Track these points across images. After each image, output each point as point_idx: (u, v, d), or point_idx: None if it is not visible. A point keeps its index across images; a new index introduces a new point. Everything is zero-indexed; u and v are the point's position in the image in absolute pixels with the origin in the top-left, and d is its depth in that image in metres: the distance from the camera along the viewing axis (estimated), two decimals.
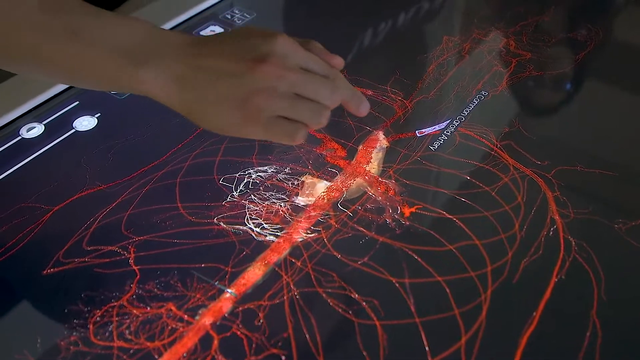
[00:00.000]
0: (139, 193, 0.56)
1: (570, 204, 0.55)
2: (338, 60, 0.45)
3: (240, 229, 0.53)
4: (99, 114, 0.66)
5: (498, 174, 0.59)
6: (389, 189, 0.57)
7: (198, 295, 0.48)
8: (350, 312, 0.47)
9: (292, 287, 0.48)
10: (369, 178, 0.58)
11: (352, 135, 0.63)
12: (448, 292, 0.48)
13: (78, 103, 0.67)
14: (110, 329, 0.45)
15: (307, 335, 0.45)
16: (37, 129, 0.64)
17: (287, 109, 0.41)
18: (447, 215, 0.54)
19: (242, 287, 0.48)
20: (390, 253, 0.51)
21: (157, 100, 0.41)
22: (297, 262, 0.50)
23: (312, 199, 0.56)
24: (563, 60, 0.75)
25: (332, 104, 0.43)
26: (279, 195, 0.56)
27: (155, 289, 0.48)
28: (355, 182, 0.58)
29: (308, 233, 0.53)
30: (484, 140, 0.62)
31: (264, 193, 0.56)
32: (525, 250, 0.51)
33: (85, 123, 0.65)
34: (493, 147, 0.62)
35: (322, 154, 0.61)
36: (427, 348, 0.44)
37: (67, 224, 0.53)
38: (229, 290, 0.48)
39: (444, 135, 0.63)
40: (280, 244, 0.52)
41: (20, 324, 0.47)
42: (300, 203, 0.55)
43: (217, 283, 0.49)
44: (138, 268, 0.50)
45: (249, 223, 0.53)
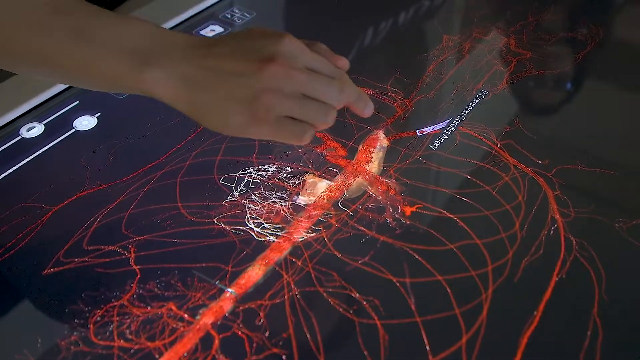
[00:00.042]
0: (139, 193, 0.56)
1: (571, 203, 0.55)
2: (343, 62, 0.45)
3: (241, 229, 0.53)
4: (99, 114, 0.65)
5: (499, 173, 0.58)
6: (390, 188, 0.57)
7: (198, 295, 0.48)
8: (351, 311, 0.47)
9: (292, 286, 0.48)
10: (370, 177, 0.58)
11: (352, 135, 0.63)
12: (449, 291, 0.48)
13: (78, 103, 0.67)
14: (111, 329, 0.45)
15: (307, 335, 0.45)
16: (37, 129, 0.64)
17: (294, 109, 0.41)
18: (447, 215, 0.54)
19: (242, 286, 0.48)
20: (391, 252, 0.51)
21: (162, 101, 0.41)
22: (297, 261, 0.50)
23: (313, 199, 0.56)
24: (563, 59, 0.75)
25: (338, 104, 0.43)
26: (280, 195, 0.56)
27: (156, 289, 0.48)
28: (356, 181, 0.58)
29: (308, 232, 0.53)
30: (485, 140, 0.62)
31: (265, 192, 0.56)
32: (526, 250, 0.51)
33: (86, 123, 0.64)
34: (493, 146, 0.62)
35: (322, 153, 0.61)
36: (427, 347, 0.44)
37: (67, 224, 0.53)
38: (230, 290, 0.48)
39: (445, 135, 0.63)
40: (281, 244, 0.52)
41: (21, 324, 0.47)
42: (301, 202, 0.55)
43: (217, 283, 0.49)
44: (138, 268, 0.50)
45: (250, 223, 0.53)
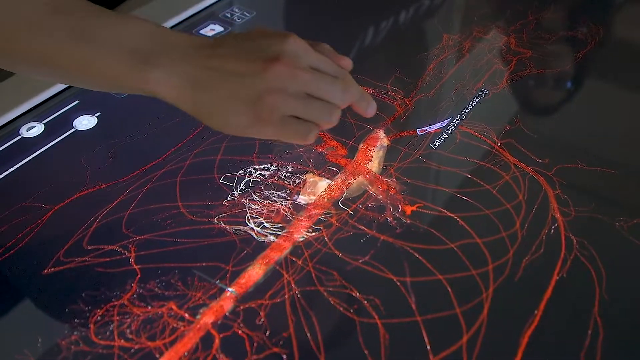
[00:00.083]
0: (140, 192, 0.56)
1: (572, 202, 0.55)
2: (347, 62, 0.45)
3: (241, 229, 0.53)
4: (99, 113, 0.65)
5: (499, 172, 0.58)
6: (390, 188, 0.57)
7: (199, 295, 0.48)
8: (352, 310, 0.47)
9: (293, 286, 0.48)
10: (370, 176, 0.58)
11: (352, 134, 0.63)
12: (449, 290, 0.48)
13: (78, 102, 0.67)
14: (111, 328, 0.45)
15: (308, 334, 0.45)
16: (37, 128, 0.64)
17: (299, 109, 0.41)
18: (448, 214, 0.54)
19: (243, 286, 0.48)
20: (392, 251, 0.51)
21: (165, 101, 0.41)
22: (298, 260, 0.50)
23: (313, 198, 0.56)
24: (564, 58, 0.75)
25: (342, 104, 0.43)
26: (280, 194, 0.56)
27: (156, 288, 0.48)
28: (356, 180, 0.58)
29: (309, 232, 0.53)
30: (485, 139, 0.62)
31: (265, 192, 0.56)
32: (527, 249, 0.51)
33: (85, 122, 0.64)
34: (494, 145, 0.61)
35: (322, 153, 0.61)
36: (428, 347, 0.44)
37: (67, 224, 0.53)
38: (230, 289, 0.48)
39: (445, 134, 0.63)
40: (281, 243, 0.52)
41: (21, 324, 0.47)
42: (302, 201, 0.55)
43: (218, 282, 0.49)
44: (139, 267, 0.50)
45: (250, 222, 0.53)
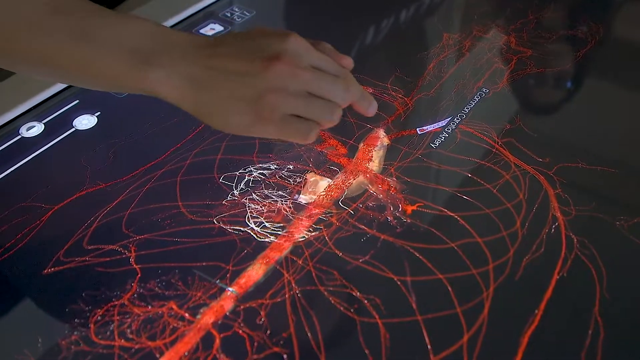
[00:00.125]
0: (140, 192, 0.56)
1: (572, 201, 0.55)
2: (348, 61, 0.45)
3: (241, 229, 0.53)
4: (99, 113, 0.65)
5: (499, 172, 0.58)
6: (390, 187, 0.57)
7: (199, 294, 0.48)
8: (352, 310, 0.47)
9: (293, 285, 0.48)
10: (370, 176, 0.58)
11: (352, 133, 0.63)
12: (450, 289, 0.48)
13: (78, 102, 0.67)
14: (112, 328, 0.45)
15: (308, 334, 0.45)
16: (36, 128, 0.63)
17: (300, 108, 0.41)
18: (448, 213, 0.54)
19: (243, 285, 0.48)
20: (392, 251, 0.51)
21: (166, 100, 0.41)
22: (298, 260, 0.50)
23: (314, 197, 0.56)
24: (564, 57, 0.75)
25: (344, 103, 0.43)
26: (280, 193, 0.56)
27: (157, 288, 0.48)
28: (356, 180, 0.58)
29: (309, 231, 0.53)
30: (485, 138, 0.62)
31: (265, 191, 0.56)
32: (527, 248, 0.51)
33: (85, 122, 0.64)
34: (494, 144, 0.61)
35: (322, 152, 0.60)
36: (429, 346, 0.44)
37: (67, 223, 0.53)
38: (230, 289, 0.48)
39: (445, 133, 0.63)
40: (281, 243, 0.52)
41: (21, 324, 0.47)
42: (302, 201, 0.55)
43: (218, 282, 0.48)
44: (139, 267, 0.50)
45: (250, 221, 0.53)
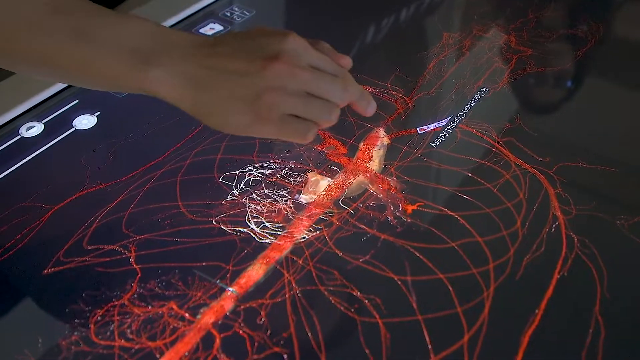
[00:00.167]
0: (140, 192, 0.56)
1: (572, 201, 0.55)
2: (347, 60, 0.45)
3: (241, 229, 0.53)
4: (99, 113, 0.65)
5: (499, 171, 0.58)
6: (391, 187, 0.57)
7: (199, 294, 0.47)
8: (352, 310, 0.47)
9: (293, 285, 0.48)
10: (370, 175, 0.58)
11: (352, 133, 0.63)
12: (450, 289, 0.48)
13: (78, 102, 0.67)
14: (112, 329, 0.45)
15: (309, 334, 0.45)
16: (36, 128, 0.63)
17: (298, 107, 0.41)
18: (448, 213, 0.54)
19: (243, 285, 0.48)
20: (392, 250, 0.51)
21: (165, 100, 0.41)
22: (298, 260, 0.50)
23: (314, 197, 0.56)
24: (564, 57, 0.75)
25: (342, 103, 0.43)
26: (281, 193, 0.56)
27: (157, 288, 0.48)
28: (357, 179, 0.58)
29: (310, 231, 0.53)
30: (485, 137, 0.62)
31: (265, 191, 0.56)
32: (528, 247, 0.51)
33: (85, 122, 0.64)
34: (494, 143, 0.61)
35: (322, 152, 0.60)
36: (429, 346, 0.44)
37: (67, 223, 0.53)
38: (231, 289, 0.48)
39: (445, 132, 0.63)
40: (282, 242, 0.51)
41: (21, 324, 0.46)
42: (303, 201, 0.55)
43: (218, 282, 0.48)
44: (139, 267, 0.50)
45: (250, 221, 0.53)
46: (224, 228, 0.53)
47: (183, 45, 0.41)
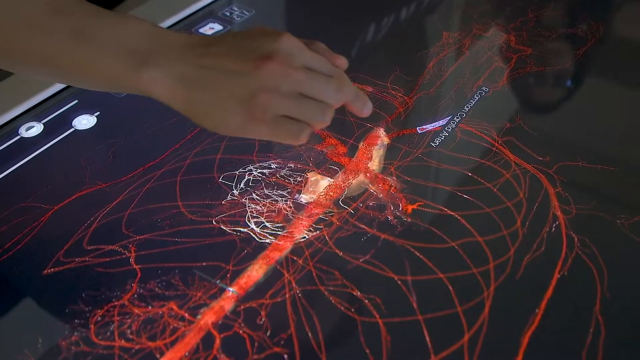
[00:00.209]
0: (139, 192, 0.56)
1: (573, 200, 0.55)
2: (342, 61, 0.45)
3: (241, 229, 0.53)
4: (99, 113, 0.65)
5: (500, 170, 0.58)
6: (391, 186, 0.57)
7: (199, 294, 0.47)
8: (353, 309, 0.47)
9: (293, 285, 0.48)
10: (370, 175, 0.58)
11: (352, 132, 0.62)
12: (450, 289, 0.48)
13: (77, 102, 0.66)
14: (112, 329, 0.45)
15: (309, 334, 0.45)
16: (36, 128, 0.63)
17: (291, 109, 0.41)
18: (448, 212, 0.54)
19: (243, 285, 0.48)
20: (392, 250, 0.51)
21: (159, 101, 0.41)
22: (298, 260, 0.50)
23: (314, 197, 0.56)
24: (564, 56, 0.75)
25: (336, 103, 0.43)
26: (281, 193, 0.56)
27: (157, 288, 0.48)
28: (357, 179, 0.57)
29: (310, 231, 0.52)
30: (485, 137, 0.62)
31: (265, 191, 0.56)
32: (528, 247, 0.51)
33: (85, 122, 0.64)
34: (494, 143, 0.61)
35: (322, 151, 0.60)
36: (429, 345, 0.44)
37: (67, 224, 0.53)
38: (231, 289, 0.48)
39: (445, 132, 0.63)
40: (282, 242, 0.51)
41: (21, 324, 0.46)
42: (303, 200, 0.55)
43: (218, 282, 0.48)
44: (139, 267, 0.49)
45: (250, 222, 0.53)
46: (224, 228, 0.53)
47: (179, 46, 0.41)
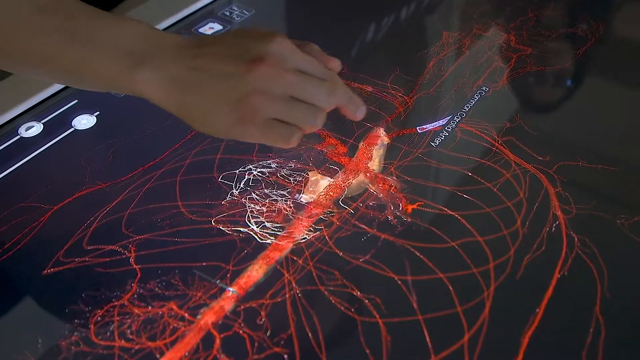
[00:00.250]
0: (139, 192, 0.56)
1: (573, 200, 0.55)
2: (335, 63, 0.44)
3: (241, 229, 0.53)
4: (98, 113, 0.65)
5: (500, 170, 0.58)
6: (391, 186, 0.57)
7: (199, 294, 0.47)
8: (353, 309, 0.47)
9: (293, 285, 0.48)
10: (370, 175, 0.58)
11: (352, 132, 0.62)
12: (450, 289, 0.48)
13: (77, 102, 0.66)
14: (112, 329, 0.45)
15: (309, 334, 0.45)
16: (35, 128, 0.63)
17: (282, 112, 0.40)
18: (448, 212, 0.54)
19: (243, 285, 0.48)
20: (392, 250, 0.51)
21: (152, 102, 0.41)
22: (298, 260, 0.50)
23: (314, 196, 0.56)
24: (564, 55, 0.75)
25: (327, 107, 0.42)
26: (281, 193, 0.56)
27: (157, 288, 0.48)
28: (357, 179, 0.57)
29: (310, 231, 0.52)
30: (485, 136, 0.62)
31: (265, 191, 0.56)
32: (528, 247, 0.51)
33: (85, 122, 0.64)
34: (494, 142, 0.61)
35: (322, 151, 0.60)
36: (429, 345, 0.44)
37: (67, 224, 0.53)
38: (231, 289, 0.48)
39: (445, 132, 0.63)
40: (282, 242, 0.51)
41: (21, 325, 0.46)
42: (303, 200, 0.55)
43: (218, 282, 0.48)
44: (139, 267, 0.49)
45: (250, 222, 0.53)
46: (224, 228, 0.53)
47: (171, 47, 0.41)
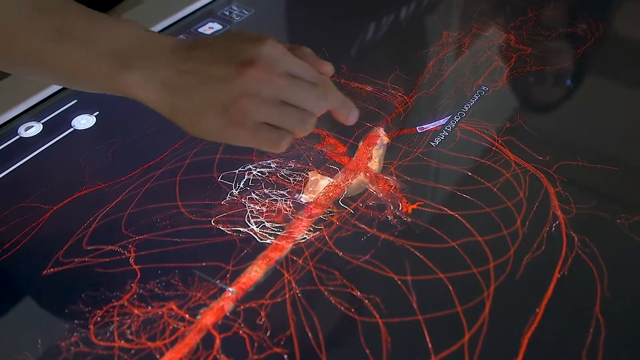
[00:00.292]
0: (139, 192, 0.56)
1: (573, 200, 0.55)
2: (328, 67, 0.44)
3: (241, 229, 0.53)
4: (98, 113, 0.65)
5: (499, 170, 0.58)
6: (391, 186, 0.57)
7: (199, 295, 0.47)
8: (353, 309, 0.47)
9: (293, 285, 0.48)
10: (370, 175, 0.58)
11: (352, 132, 0.62)
12: (450, 289, 0.48)
13: (76, 101, 0.66)
14: (111, 329, 0.45)
15: (309, 334, 0.45)
16: (35, 128, 0.63)
17: (272, 116, 0.40)
18: (448, 212, 0.54)
19: (243, 285, 0.48)
20: (392, 250, 0.51)
21: (144, 104, 0.41)
22: (298, 260, 0.50)
23: (314, 196, 0.56)
24: (564, 55, 0.75)
25: (318, 112, 0.42)
26: (280, 193, 0.56)
27: (156, 289, 0.48)
28: (356, 179, 0.57)
29: (310, 231, 0.52)
30: (485, 136, 0.62)
31: (265, 191, 0.56)
32: (528, 247, 0.51)
33: (84, 122, 0.64)
34: (494, 142, 0.61)
35: (322, 151, 0.60)
36: (429, 345, 0.44)
37: (66, 224, 0.53)
38: (230, 289, 0.48)
39: (445, 131, 0.63)
40: (281, 242, 0.51)
41: (21, 325, 0.46)
42: (303, 200, 0.55)
43: (218, 282, 0.48)
44: (139, 267, 0.49)
45: (250, 222, 0.53)
46: (223, 228, 0.53)
47: (163, 50, 0.40)
